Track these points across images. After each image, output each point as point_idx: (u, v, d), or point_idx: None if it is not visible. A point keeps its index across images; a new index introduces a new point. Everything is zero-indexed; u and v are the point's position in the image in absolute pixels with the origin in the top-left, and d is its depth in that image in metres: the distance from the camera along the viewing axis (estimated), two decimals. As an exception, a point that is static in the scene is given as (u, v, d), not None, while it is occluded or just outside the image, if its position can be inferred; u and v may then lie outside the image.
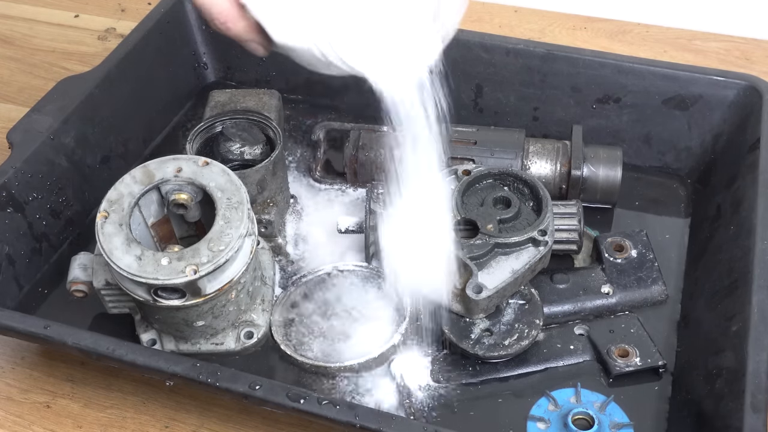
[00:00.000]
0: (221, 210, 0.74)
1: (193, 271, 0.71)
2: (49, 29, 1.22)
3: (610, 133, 0.95)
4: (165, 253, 0.72)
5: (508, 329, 0.78)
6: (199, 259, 0.72)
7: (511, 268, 0.77)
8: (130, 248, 0.72)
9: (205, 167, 0.77)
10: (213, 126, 0.89)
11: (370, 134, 0.93)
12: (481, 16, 1.21)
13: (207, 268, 0.71)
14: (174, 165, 0.77)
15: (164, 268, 0.71)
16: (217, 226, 0.73)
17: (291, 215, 0.92)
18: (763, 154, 0.83)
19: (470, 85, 0.99)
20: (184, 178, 0.76)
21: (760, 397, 0.66)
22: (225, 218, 0.74)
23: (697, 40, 1.15)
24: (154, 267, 0.71)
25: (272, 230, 0.87)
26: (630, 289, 0.83)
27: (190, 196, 0.77)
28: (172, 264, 0.71)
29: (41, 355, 0.84)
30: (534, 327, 0.78)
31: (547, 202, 0.80)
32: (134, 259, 0.72)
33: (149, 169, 0.77)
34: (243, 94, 0.98)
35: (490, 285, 0.76)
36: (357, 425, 0.64)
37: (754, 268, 0.74)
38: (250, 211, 0.76)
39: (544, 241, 0.78)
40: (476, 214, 0.80)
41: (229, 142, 0.88)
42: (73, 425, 0.78)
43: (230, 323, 0.79)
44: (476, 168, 0.83)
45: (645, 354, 0.78)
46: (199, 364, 0.69)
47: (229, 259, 0.73)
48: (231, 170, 0.77)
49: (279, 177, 0.87)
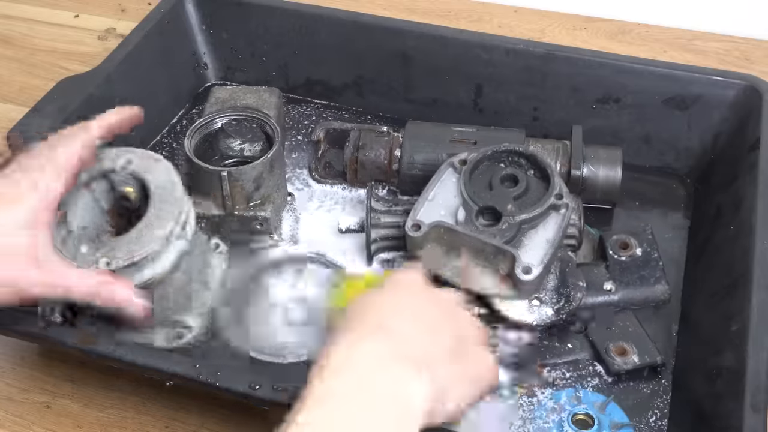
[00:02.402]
0: (152, 209, 0.74)
1: (106, 262, 0.71)
2: (49, 29, 1.23)
3: (610, 133, 0.95)
4: (91, 239, 0.73)
5: (556, 295, 0.79)
6: (115, 252, 0.72)
7: (544, 239, 0.78)
8: (59, 227, 0.73)
9: (156, 163, 0.77)
10: (212, 122, 0.89)
11: (370, 134, 0.93)
12: (481, 16, 1.22)
13: (119, 264, 0.71)
14: (126, 157, 0.77)
15: (82, 253, 0.72)
16: (141, 224, 0.73)
17: (288, 212, 0.92)
18: (763, 154, 0.83)
19: (470, 85, 0.99)
20: (129, 171, 0.76)
21: (760, 397, 0.66)
22: (153, 217, 0.74)
23: (697, 40, 1.15)
24: (74, 250, 0.72)
25: (268, 227, 0.88)
26: (633, 287, 0.83)
27: (133, 190, 0.77)
28: (89, 251, 0.72)
29: (41, 355, 0.84)
30: (579, 289, 0.79)
31: (550, 168, 0.81)
32: (60, 239, 0.72)
33: (102, 156, 0.77)
34: (244, 91, 0.98)
35: (536, 261, 0.76)
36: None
37: (753, 268, 0.74)
38: (185, 215, 0.75)
39: (564, 203, 0.79)
40: (491, 199, 0.80)
41: (229, 138, 0.88)
42: (73, 425, 0.78)
43: (158, 321, 0.78)
44: (470, 155, 0.83)
45: (643, 352, 0.78)
46: (198, 364, 0.69)
47: (147, 259, 0.73)
48: (229, 166, 0.77)
49: (276, 174, 0.87)
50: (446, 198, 0.81)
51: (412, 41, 0.99)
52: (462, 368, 0.60)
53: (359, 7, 1.16)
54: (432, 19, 1.14)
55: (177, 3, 1.03)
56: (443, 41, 0.98)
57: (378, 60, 1.01)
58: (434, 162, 0.89)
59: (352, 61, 1.02)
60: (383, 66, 1.01)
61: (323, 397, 0.53)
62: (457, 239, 0.78)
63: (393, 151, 0.92)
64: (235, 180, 0.85)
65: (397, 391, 0.55)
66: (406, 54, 1.00)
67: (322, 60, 0.98)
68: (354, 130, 0.94)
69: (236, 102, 0.96)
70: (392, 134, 0.93)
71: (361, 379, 0.54)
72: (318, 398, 0.53)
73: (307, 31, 1.02)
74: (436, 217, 0.80)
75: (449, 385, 0.58)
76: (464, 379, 0.60)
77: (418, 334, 0.59)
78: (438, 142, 0.90)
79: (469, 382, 0.61)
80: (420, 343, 0.58)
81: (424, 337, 0.59)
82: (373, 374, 0.55)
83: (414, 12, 1.22)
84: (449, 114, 0.99)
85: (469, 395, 0.61)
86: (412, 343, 0.58)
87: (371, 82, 1.03)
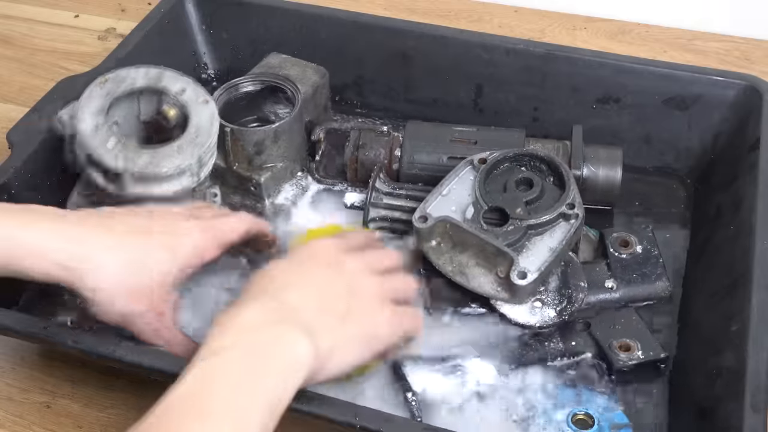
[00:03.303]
0: (181, 139, 0.80)
1: (122, 161, 0.77)
2: (49, 29, 1.23)
3: (610, 133, 0.95)
4: (119, 139, 0.78)
5: (558, 296, 0.79)
6: (134, 159, 0.77)
7: (547, 246, 0.78)
8: (97, 116, 0.78)
9: (204, 104, 0.82)
10: (238, 84, 0.93)
11: (370, 134, 0.93)
12: (481, 16, 1.21)
13: (132, 168, 0.77)
14: (181, 84, 0.83)
15: (105, 147, 0.77)
16: (167, 147, 0.79)
17: (293, 186, 0.93)
18: (763, 154, 0.83)
19: (470, 85, 0.99)
20: (181, 100, 0.82)
21: (760, 397, 0.66)
22: (178, 147, 0.79)
23: (697, 40, 1.15)
24: (101, 141, 0.77)
25: (260, 192, 0.90)
26: (634, 284, 0.83)
27: (176, 116, 0.82)
28: (114, 149, 0.77)
29: (41, 355, 0.84)
30: (580, 290, 0.79)
31: (568, 176, 0.81)
32: (93, 126, 0.78)
33: (163, 74, 0.83)
34: (292, 63, 0.98)
35: (533, 267, 0.76)
36: (357, 426, 0.64)
37: (753, 268, 0.74)
38: (207, 158, 0.81)
39: (574, 213, 0.79)
40: (502, 201, 0.80)
41: (267, 103, 0.94)
42: (73, 425, 0.79)
43: None
44: (491, 155, 0.84)
45: (646, 347, 0.78)
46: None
47: (156, 178, 0.78)
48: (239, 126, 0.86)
49: (282, 146, 0.90)
50: (460, 195, 0.82)
51: (412, 41, 0.99)
52: (352, 331, 0.67)
53: (359, 7, 1.16)
54: (432, 19, 1.14)
55: (177, 3, 1.04)
56: (443, 41, 0.98)
57: (378, 60, 1.01)
58: (434, 162, 0.90)
59: (352, 61, 1.02)
60: (383, 66, 1.01)
61: (216, 350, 0.60)
62: (461, 235, 0.79)
63: (393, 151, 0.92)
64: (237, 139, 0.88)
65: (281, 348, 0.61)
66: (406, 54, 1.00)
67: (322, 60, 0.98)
68: (354, 130, 0.94)
69: (280, 71, 0.96)
70: (392, 134, 0.93)
71: (248, 334, 0.61)
72: (210, 351, 0.59)
73: (307, 31, 1.02)
74: (446, 212, 0.80)
75: (335, 347, 0.65)
76: (353, 341, 0.67)
77: (305, 301, 0.66)
78: (438, 141, 0.91)
79: (358, 343, 0.67)
80: (306, 309, 0.65)
81: (311, 305, 0.66)
82: (257, 332, 0.61)
83: (414, 12, 1.22)
84: (449, 114, 0.99)
85: (357, 355, 0.67)
86: (299, 310, 0.64)
87: (371, 82, 1.03)
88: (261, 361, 0.60)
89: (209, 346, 0.60)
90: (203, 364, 0.58)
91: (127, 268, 0.69)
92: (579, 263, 0.82)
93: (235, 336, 0.61)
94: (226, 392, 0.57)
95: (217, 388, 0.58)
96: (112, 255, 0.69)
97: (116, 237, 0.70)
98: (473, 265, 0.79)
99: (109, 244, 0.69)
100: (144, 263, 0.70)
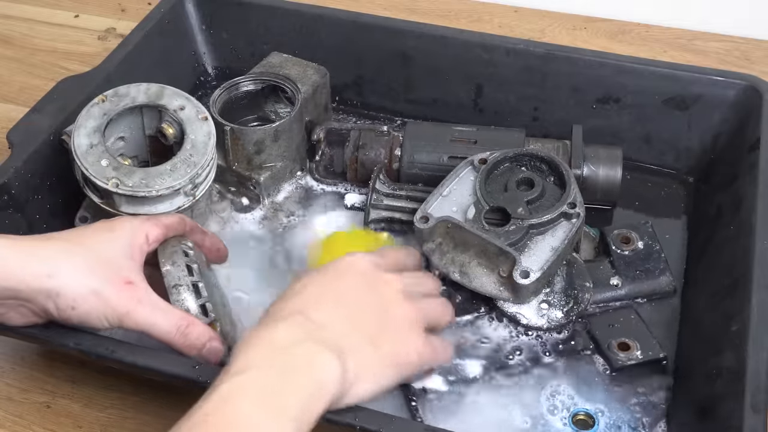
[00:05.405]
0: (177, 158, 0.79)
1: (115, 183, 0.77)
2: (49, 29, 1.23)
3: (610, 133, 0.95)
4: (114, 158, 0.78)
5: (564, 297, 0.80)
6: (128, 179, 0.77)
7: (550, 246, 0.78)
8: (92, 136, 0.78)
9: (201, 122, 0.82)
10: (238, 83, 0.93)
11: (370, 134, 0.93)
12: (481, 16, 1.21)
13: (124, 191, 0.77)
14: (181, 101, 0.82)
15: (99, 165, 0.77)
16: (161, 167, 0.78)
17: (292, 185, 0.94)
18: (763, 154, 0.83)
19: (470, 85, 0.99)
20: (180, 116, 0.81)
21: (760, 397, 0.66)
22: (172, 166, 0.79)
23: (697, 40, 1.15)
24: (94, 160, 0.77)
25: (260, 191, 0.90)
26: (638, 280, 0.83)
27: (174, 134, 0.82)
28: (107, 168, 0.77)
29: (41, 355, 0.84)
30: (586, 290, 0.80)
31: (569, 175, 0.81)
32: (88, 145, 0.78)
33: (163, 91, 0.83)
34: (293, 62, 0.98)
35: (535, 267, 0.76)
36: (357, 426, 0.64)
37: (754, 267, 0.74)
38: (202, 178, 0.80)
39: (575, 213, 0.79)
40: (503, 201, 0.80)
41: (267, 102, 0.94)
42: (73, 425, 0.78)
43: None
44: (491, 155, 0.84)
45: (645, 347, 0.78)
46: (198, 366, 0.69)
47: (148, 199, 0.78)
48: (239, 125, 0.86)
49: (282, 146, 0.90)
50: (461, 195, 0.82)
51: (412, 41, 0.99)
52: (382, 353, 0.65)
53: (359, 7, 1.16)
54: (432, 19, 1.14)
55: (177, 3, 1.03)
56: (443, 41, 0.98)
57: (378, 60, 1.01)
58: (434, 161, 0.90)
59: (352, 61, 1.02)
60: (383, 66, 1.01)
61: (242, 368, 0.59)
62: (462, 236, 0.79)
63: (393, 151, 0.92)
64: (236, 138, 0.88)
65: (309, 368, 0.60)
66: (406, 54, 1.00)
67: (322, 60, 0.98)
68: (354, 130, 0.94)
69: (280, 70, 0.96)
70: (392, 134, 0.93)
71: (276, 353, 0.60)
72: (237, 369, 0.59)
73: (307, 31, 1.02)
74: (447, 212, 0.80)
75: (363, 370, 0.63)
76: (382, 364, 0.65)
77: (336, 321, 0.64)
78: (438, 141, 0.91)
79: (387, 366, 0.65)
80: (336, 330, 0.63)
81: (342, 325, 0.64)
82: (287, 350, 0.60)
83: (414, 12, 1.22)
84: (449, 114, 0.99)
85: (385, 378, 0.65)
86: (328, 329, 0.63)
87: (371, 82, 1.03)
88: (289, 381, 0.59)
89: (237, 364, 0.59)
90: (230, 382, 0.58)
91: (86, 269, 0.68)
92: (583, 263, 0.82)
93: (264, 355, 0.60)
94: (251, 411, 0.56)
95: (243, 407, 0.57)
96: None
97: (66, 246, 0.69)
98: (475, 265, 0.79)
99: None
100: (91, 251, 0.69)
